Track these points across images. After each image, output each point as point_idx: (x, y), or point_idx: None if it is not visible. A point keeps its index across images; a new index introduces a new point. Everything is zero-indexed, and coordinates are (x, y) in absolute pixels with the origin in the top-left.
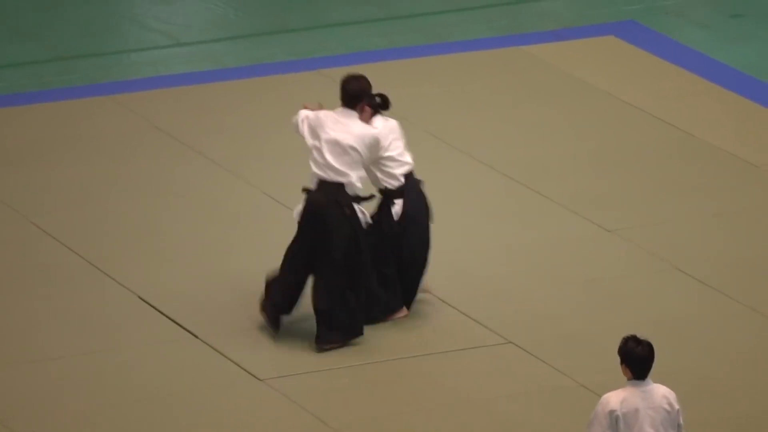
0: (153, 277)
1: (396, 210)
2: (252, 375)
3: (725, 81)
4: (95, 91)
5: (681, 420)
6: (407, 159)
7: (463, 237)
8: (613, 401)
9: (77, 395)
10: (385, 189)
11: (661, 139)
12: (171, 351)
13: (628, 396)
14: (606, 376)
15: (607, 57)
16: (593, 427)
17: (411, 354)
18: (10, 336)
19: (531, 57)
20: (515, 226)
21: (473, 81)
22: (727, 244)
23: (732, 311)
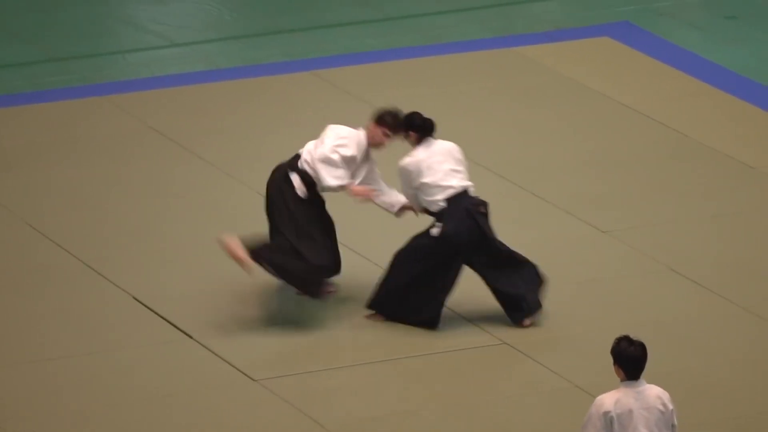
0: (148, 279)
1: (434, 232)
2: (247, 375)
3: (720, 82)
4: (90, 92)
5: (675, 420)
6: (449, 183)
7: None
8: (607, 402)
9: (73, 396)
10: (427, 211)
11: (657, 141)
12: (166, 352)
13: (621, 397)
14: (601, 377)
15: (602, 58)
16: (588, 429)
17: (406, 354)
18: (6, 337)
19: (525, 58)
20: (510, 227)
21: (468, 82)
22: (723, 245)
23: (728, 312)
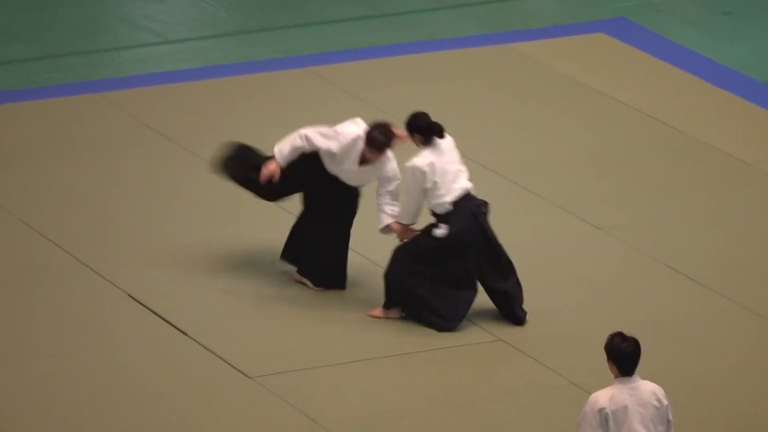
0: (143, 276)
1: (438, 233)
2: (242, 373)
3: (716, 78)
4: (85, 89)
5: (670, 416)
6: (459, 184)
7: None
8: (602, 399)
9: (68, 394)
10: (433, 213)
11: (653, 138)
12: (161, 349)
13: (616, 393)
14: (596, 374)
15: (598, 54)
16: (582, 427)
17: (401, 352)
18: (1, 335)
19: (521, 55)
20: (505, 224)
21: (463, 79)
22: (719, 242)
23: (726, 310)
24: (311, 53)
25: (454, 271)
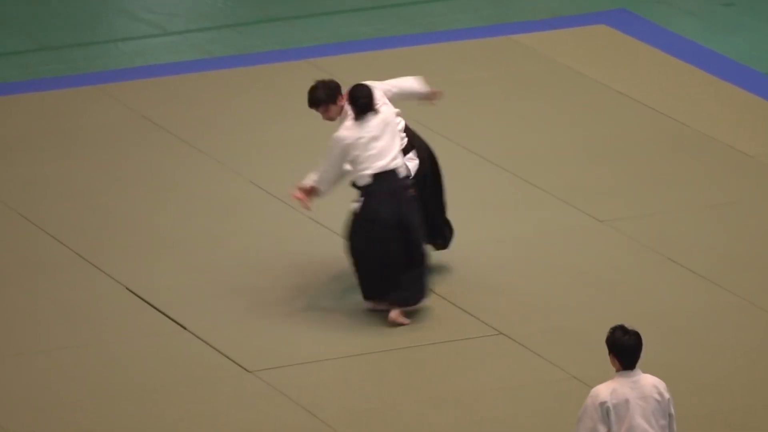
0: (142, 270)
1: (354, 206)
2: (241, 366)
3: (718, 70)
4: (82, 81)
5: (672, 409)
6: (381, 161)
7: (456, 230)
8: (603, 393)
9: (66, 388)
10: (354, 185)
11: (654, 129)
12: (160, 343)
13: (617, 387)
14: (597, 367)
15: (599, 46)
16: (584, 421)
17: (401, 345)
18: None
19: (521, 46)
20: (506, 217)
21: (463, 71)
22: (721, 235)
23: (727, 303)
24: (311, 45)
25: (389, 249)
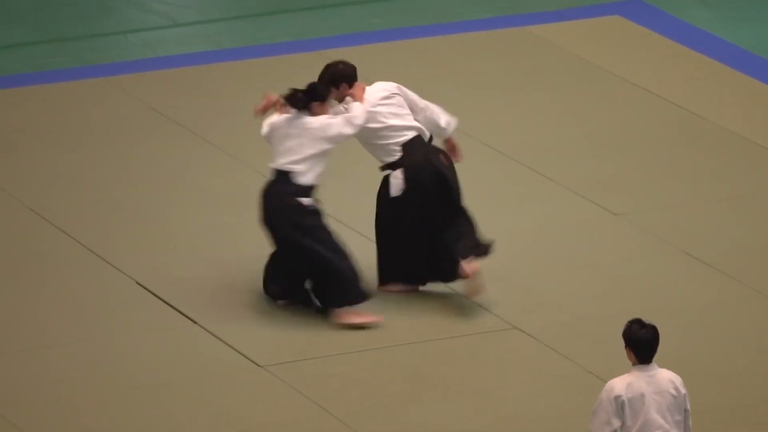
0: (151, 263)
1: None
2: (252, 361)
3: (733, 61)
4: (92, 73)
5: (688, 405)
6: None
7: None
8: (618, 387)
9: (75, 382)
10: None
11: (669, 121)
12: (169, 337)
13: (633, 381)
14: (612, 361)
15: (613, 37)
16: (598, 414)
17: (414, 340)
18: (7, 324)
19: (535, 37)
20: (520, 210)
21: (476, 63)
22: (736, 227)
23: (741, 296)
24: (321, 36)
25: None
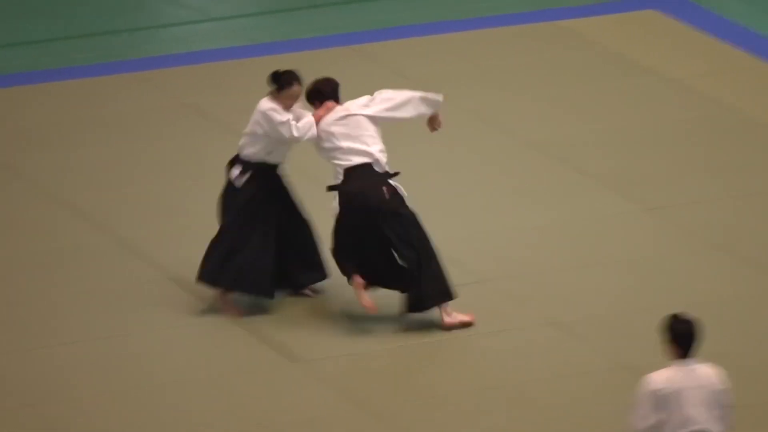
0: (184, 259)
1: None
2: (286, 358)
3: None
4: (124, 68)
5: (730, 400)
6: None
7: (500, 216)
8: (658, 381)
9: (107, 377)
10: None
11: (705, 116)
12: (202, 333)
13: (672, 375)
14: (645, 357)
15: (647, 31)
16: (638, 408)
17: (447, 336)
18: (38, 319)
19: (569, 32)
20: (553, 205)
21: (508, 57)
22: None
23: None
24: (353, 31)
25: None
